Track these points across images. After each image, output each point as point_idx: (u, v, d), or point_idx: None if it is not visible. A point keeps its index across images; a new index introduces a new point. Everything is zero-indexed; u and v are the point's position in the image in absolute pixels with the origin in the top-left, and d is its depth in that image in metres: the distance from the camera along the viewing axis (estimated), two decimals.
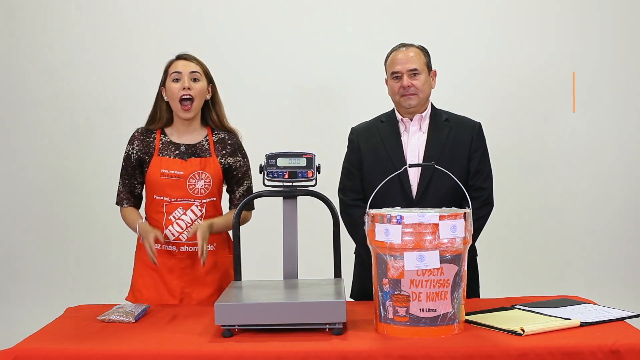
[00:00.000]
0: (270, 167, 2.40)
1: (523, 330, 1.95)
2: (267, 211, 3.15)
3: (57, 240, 4.55)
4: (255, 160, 2.53)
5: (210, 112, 2.71)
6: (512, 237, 4.58)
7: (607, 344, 1.87)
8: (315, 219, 3.13)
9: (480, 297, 2.73)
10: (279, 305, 1.99)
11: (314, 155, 2.42)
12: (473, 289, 2.74)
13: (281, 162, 2.40)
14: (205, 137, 2.68)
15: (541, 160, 4.63)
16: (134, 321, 2.20)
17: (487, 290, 2.83)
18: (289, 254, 2.43)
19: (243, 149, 2.75)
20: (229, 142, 2.70)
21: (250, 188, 2.74)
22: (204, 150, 2.66)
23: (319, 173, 2.42)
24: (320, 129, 4.45)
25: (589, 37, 4.60)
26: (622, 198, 4.64)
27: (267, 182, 2.42)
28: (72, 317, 2.31)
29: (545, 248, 4.66)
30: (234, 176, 2.70)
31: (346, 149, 2.86)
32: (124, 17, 4.52)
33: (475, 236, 2.64)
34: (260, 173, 2.42)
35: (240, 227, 2.69)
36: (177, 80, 2.60)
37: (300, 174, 2.40)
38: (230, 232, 2.68)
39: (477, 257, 2.79)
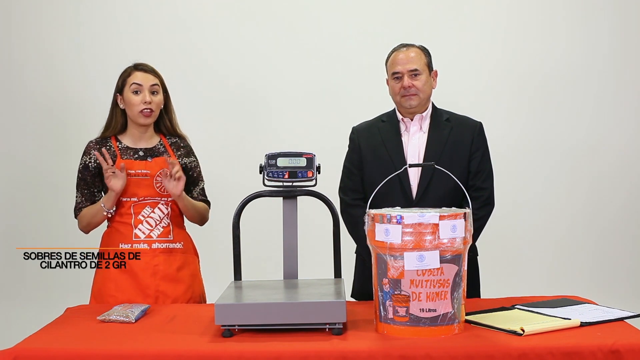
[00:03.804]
0: (270, 167, 2.40)
1: (523, 330, 1.95)
2: (267, 211, 3.15)
3: (57, 240, 4.54)
4: (256, 160, 2.53)
5: (164, 119, 2.80)
6: (513, 237, 4.59)
7: (607, 344, 1.87)
8: (315, 219, 3.13)
9: (481, 297, 2.73)
10: (279, 305, 1.99)
11: (314, 155, 2.42)
12: (473, 288, 2.73)
13: (281, 162, 2.40)
14: (160, 142, 2.78)
15: (541, 160, 4.63)
16: (133, 321, 2.20)
17: (487, 290, 2.83)
18: (289, 254, 2.43)
19: (194, 152, 2.85)
20: (182, 145, 2.81)
21: (204, 188, 2.84)
22: (161, 152, 2.75)
23: (319, 173, 2.42)
24: (321, 129, 4.45)
25: (589, 37, 4.61)
26: (622, 198, 4.65)
27: (267, 182, 2.42)
28: (72, 317, 2.31)
29: (545, 248, 4.66)
30: (190, 176, 2.78)
31: (347, 149, 2.86)
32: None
33: (475, 236, 2.64)
34: (260, 173, 2.42)
35: (204, 225, 2.83)
36: (137, 92, 2.67)
37: (300, 174, 2.40)
38: (197, 227, 2.83)
39: (478, 257, 2.79)
